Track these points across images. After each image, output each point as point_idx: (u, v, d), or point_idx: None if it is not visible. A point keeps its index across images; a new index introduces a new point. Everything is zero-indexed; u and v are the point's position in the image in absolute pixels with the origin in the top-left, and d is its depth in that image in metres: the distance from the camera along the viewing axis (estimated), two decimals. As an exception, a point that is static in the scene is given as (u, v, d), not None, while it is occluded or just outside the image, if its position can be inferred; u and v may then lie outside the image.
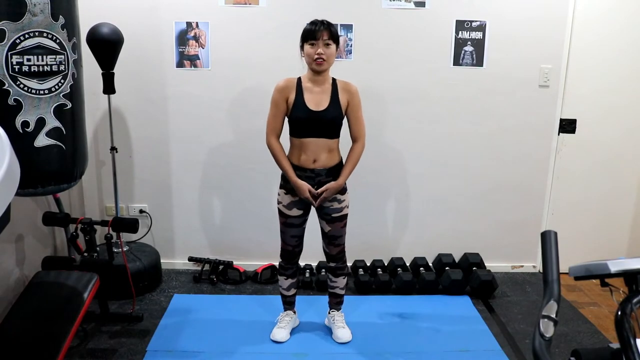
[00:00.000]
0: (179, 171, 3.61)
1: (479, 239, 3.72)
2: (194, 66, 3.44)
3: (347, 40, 3.41)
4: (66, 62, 2.40)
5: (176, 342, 2.80)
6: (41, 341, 2.32)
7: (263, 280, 3.54)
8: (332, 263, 2.82)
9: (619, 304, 1.15)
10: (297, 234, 2.75)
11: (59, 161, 2.45)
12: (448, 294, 3.39)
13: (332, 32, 2.50)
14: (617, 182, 3.71)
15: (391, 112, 3.53)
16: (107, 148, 3.36)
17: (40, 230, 3.10)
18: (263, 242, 3.63)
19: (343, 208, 2.70)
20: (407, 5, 3.40)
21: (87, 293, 2.56)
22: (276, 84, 2.60)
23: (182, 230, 3.70)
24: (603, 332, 3.03)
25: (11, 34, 2.20)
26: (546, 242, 1.30)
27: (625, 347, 1.08)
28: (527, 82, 3.51)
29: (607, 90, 3.55)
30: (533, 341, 1.14)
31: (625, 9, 3.44)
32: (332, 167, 2.63)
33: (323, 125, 2.57)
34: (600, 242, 3.76)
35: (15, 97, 2.25)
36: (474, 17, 3.41)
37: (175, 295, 3.33)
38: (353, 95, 2.62)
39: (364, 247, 3.66)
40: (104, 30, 3.01)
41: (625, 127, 3.62)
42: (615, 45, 3.48)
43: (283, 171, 2.65)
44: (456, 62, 3.47)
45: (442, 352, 2.77)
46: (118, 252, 3.15)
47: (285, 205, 2.69)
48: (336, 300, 2.92)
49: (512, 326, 3.06)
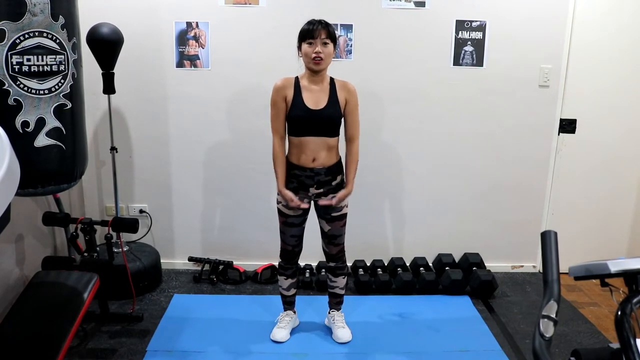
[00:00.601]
0: (179, 171, 3.61)
1: (479, 239, 3.72)
2: (194, 66, 3.44)
3: (347, 40, 3.41)
4: (66, 62, 2.40)
5: (176, 342, 2.80)
6: (41, 341, 2.32)
7: (263, 280, 3.54)
8: (331, 263, 2.82)
9: (619, 304, 1.15)
10: (297, 233, 2.75)
11: (59, 161, 2.45)
12: (448, 294, 3.39)
13: (330, 32, 2.50)
14: (617, 182, 3.71)
15: (391, 112, 3.54)
16: (107, 148, 3.36)
17: (40, 230, 3.10)
18: (263, 242, 3.63)
19: (342, 207, 2.70)
20: (407, 5, 3.40)
21: (87, 293, 2.56)
22: (274, 84, 2.61)
23: (182, 230, 3.71)
24: (603, 332, 3.03)
25: (11, 34, 2.20)
26: (546, 242, 1.30)
27: (625, 347, 1.08)
28: (527, 82, 3.51)
29: (607, 90, 3.55)
30: (533, 341, 1.14)
31: (625, 9, 3.44)
32: (331, 166, 2.63)
33: (322, 123, 2.57)
34: (600, 242, 3.76)
35: (15, 97, 2.25)
36: (474, 17, 3.41)
37: (175, 295, 3.33)
38: (351, 94, 2.62)
39: (364, 247, 3.66)
40: (104, 30, 3.01)
41: (625, 127, 3.62)
42: (616, 45, 3.48)
43: (276, 176, 2.65)
44: (456, 62, 3.47)
45: (442, 352, 2.77)
46: (118, 252, 3.15)
47: (285, 204, 2.69)
48: (336, 300, 2.92)
49: (512, 326, 3.06)
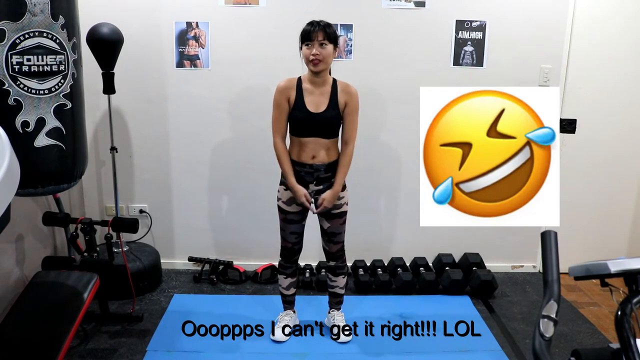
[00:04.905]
0: (179, 171, 3.61)
1: (479, 239, 3.71)
2: (194, 66, 3.44)
3: (347, 40, 3.41)
4: (66, 62, 2.40)
5: (176, 342, 2.80)
6: (41, 341, 2.32)
7: (263, 280, 3.54)
8: (331, 262, 2.82)
9: (619, 304, 1.15)
10: (297, 230, 2.75)
11: (59, 161, 2.45)
12: (448, 294, 3.39)
13: (328, 33, 2.50)
14: (617, 182, 3.71)
15: (391, 112, 3.53)
16: (107, 148, 3.36)
17: (40, 230, 3.10)
18: (263, 242, 3.63)
19: (342, 205, 2.70)
20: (407, 5, 3.40)
21: (87, 293, 2.56)
22: (277, 85, 2.61)
23: (182, 230, 3.70)
24: (603, 332, 3.03)
25: (11, 34, 2.20)
26: (546, 242, 1.30)
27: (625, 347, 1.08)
28: (527, 82, 3.50)
29: (607, 90, 3.55)
30: (533, 341, 1.15)
31: (625, 9, 3.44)
32: (330, 163, 2.64)
33: (321, 126, 2.58)
34: (600, 241, 3.76)
35: (15, 97, 2.25)
36: (474, 17, 3.41)
37: (175, 295, 3.33)
38: (352, 97, 2.61)
39: (364, 247, 3.66)
40: (104, 30, 3.00)
41: (625, 127, 3.62)
42: (616, 45, 3.48)
43: (283, 173, 2.66)
44: (456, 62, 3.47)
45: (442, 352, 2.77)
46: (118, 252, 3.15)
47: (285, 201, 2.69)
48: (336, 299, 2.92)
49: (512, 326, 3.06)
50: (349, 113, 2.62)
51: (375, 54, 3.45)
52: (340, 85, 2.62)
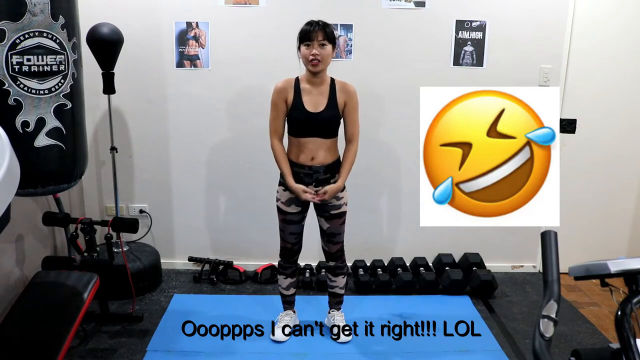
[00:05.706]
0: (179, 171, 3.61)
1: (479, 239, 3.71)
2: (194, 66, 3.44)
3: (347, 40, 3.41)
4: (66, 62, 2.40)
5: (176, 342, 2.80)
6: (41, 341, 2.32)
7: (263, 280, 3.54)
8: (331, 262, 2.82)
9: (619, 304, 1.15)
10: (296, 231, 2.75)
11: (59, 161, 2.45)
12: (448, 294, 3.39)
13: (327, 33, 2.50)
14: (617, 182, 3.71)
15: (391, 112, 3.53)
16: (107, 148, 3.36)
17: (40, 230, 3.10)
18: (263, 242, 3.63)
19: (342, 205, 2.70)
20: (407, 5, 3.40)
21: (87, 293, 2.56)
22: (275, 86, 2.61)
23: (182, 230, 3.70)
24: (603, 332, 3.03)
25: (11, 34, 2.20)
26: (546, 242, 1.30)
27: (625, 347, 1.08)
28: (527, 82, 3.50)
29: (607, 90, 3.55)
30: (533, 341, 1.15)
31: (625, 9, 3.44)
32: (329, 164, 2.64)
33: (320, 126, 2.58)
34: (600, 241, 3.76)
35: (15, 97, 2.25)
36: (474, 17, 3.41)
37: (175, 295, 3.33)
38: (351, 96, 2.62)
39: (364, 247, 3.66)
40: (104, 30, 3.00)
41: (625, 127, 3.62)
42: (616, 45, 3.48)
43: (282, 174, 2.66)
44: (456, 62, 3.47)
45: (442, 352, 2.77)
46: (118, 252, 3.15)
47: (284, 202, 2.69)
48: (336, 299, 2.92)
49: (512, 326, 3.06)
50: (350, 111, 2.62)
51: (375, 54, 3.45)
52: (338, 84, 2.62)
